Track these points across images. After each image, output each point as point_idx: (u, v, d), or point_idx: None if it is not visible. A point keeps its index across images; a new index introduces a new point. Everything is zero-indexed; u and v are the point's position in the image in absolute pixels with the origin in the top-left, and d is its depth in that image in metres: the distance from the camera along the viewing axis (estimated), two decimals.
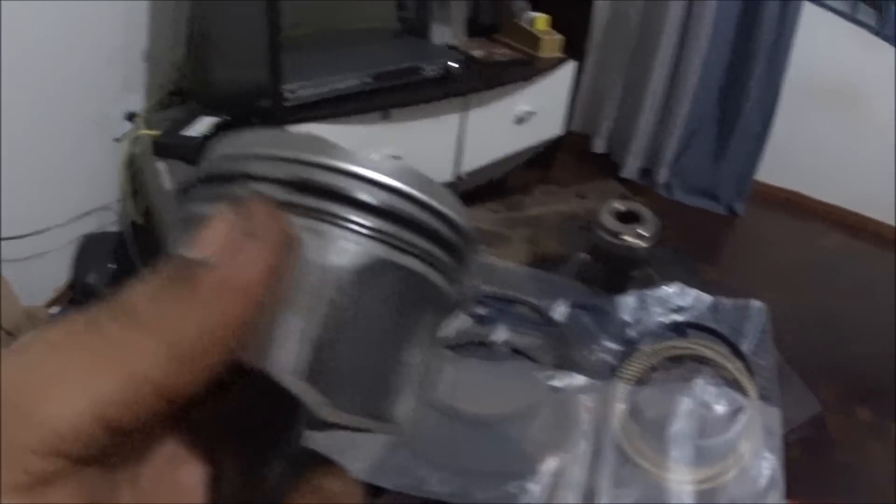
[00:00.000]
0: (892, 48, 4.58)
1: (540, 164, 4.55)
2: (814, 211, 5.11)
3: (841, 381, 3.72)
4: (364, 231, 0.36)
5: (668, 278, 1.68)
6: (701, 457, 1.31)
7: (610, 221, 1.51)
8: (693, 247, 4.45)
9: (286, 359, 0.35)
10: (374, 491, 1.26)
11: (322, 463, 0.42)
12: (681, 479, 1.28)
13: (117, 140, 3.35)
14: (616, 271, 1.56)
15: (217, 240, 0.33)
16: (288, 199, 0.36)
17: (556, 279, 1.59)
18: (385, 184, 0.37)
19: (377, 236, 0.36)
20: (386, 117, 3.35)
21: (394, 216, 0.37)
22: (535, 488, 1.26)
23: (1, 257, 2.50)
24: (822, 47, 4.66)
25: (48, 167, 2.99)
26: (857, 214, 5.06)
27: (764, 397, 1.41)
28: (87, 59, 3.10)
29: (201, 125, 3.06)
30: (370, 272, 0.36)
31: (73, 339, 0.30)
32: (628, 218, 1.54)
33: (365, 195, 0.36)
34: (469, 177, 3.93)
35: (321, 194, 0.36)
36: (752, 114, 4.76)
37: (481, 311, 1.52)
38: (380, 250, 0.36)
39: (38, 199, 2.93)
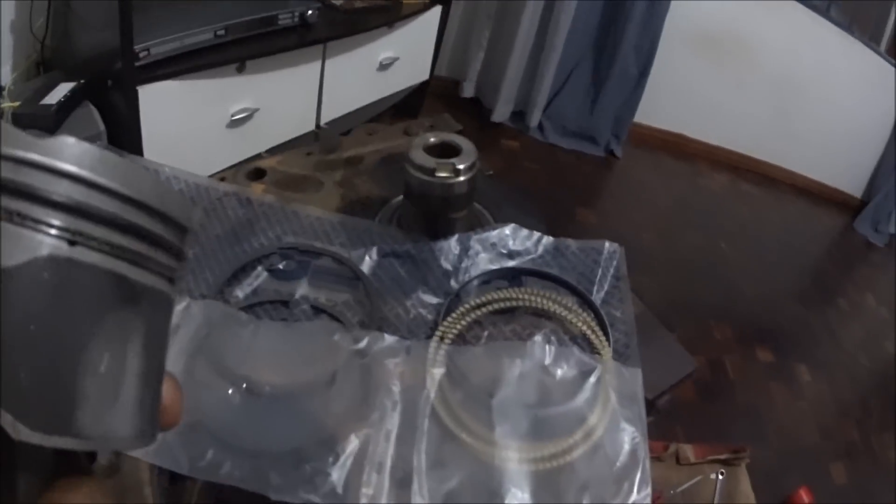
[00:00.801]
0: None
1: (406, 110, 4.40)
2: (697, 152, 5.12)
3: (736, 323, 3.66)
4: (33, 227, 0.32)
5: (500, 219, 1.44)
6: (540, 430, 1.06)
7: (421, 157, 1.26)
8: (569, 190, 4.36)
9: None
10: (170, 477, 1.06)
11: (73, 476, 0.39)
12: (514, 457, 1.03)
13: None
14: (434, 213, 1.31)
15: None
16: None
17: (368, 226, 1.35)
18: (56, 169, 0.33)
19: (49, 232, 0.33)
20: (241, 69, 3.15)
21: (69, 208, 0.33)
22: (335, 470, 1.02)
23: None
24: None
25: None
26: (740, 155, 5.09)
27: (620, 355, 1.18)
28: None
29: (58, 92, 2.88)
30: (36, 271, 0.32)
31: None
32: (445, 151, 1.28)
33: (33, 185, 0.33)
34: (330, 125, 3.74)
35: None
36: (629, 57, 4.68)
37: (281, 265, 1.28)
38: (47, 248, 0.33)
39: None
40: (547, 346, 1.13)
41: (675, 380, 1.25)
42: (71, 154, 0.33)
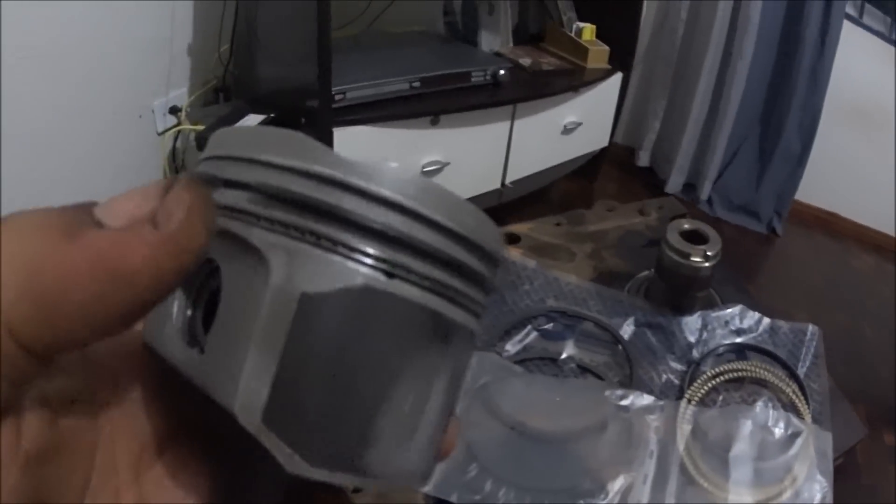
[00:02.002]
0: None
1: (584, 175, 4.59)
2: (848, 232, 5.13)
3: (868, 405, 3.71)
4: (347, 254, 0.32)
5: (724, 296, 1.71)
6: (759, 478, 1.31)
7: (678, 241, 1.52)
8: (732, 264, 4.45)
9: (241, 393, 0.32)
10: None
11: (322, 491, 0.40)
12: (740, 501, 1.30)
13: (160, 133, 3.37)
14: (681, 291, 1.57)
15: (120, 209, 0.32)
16: (255, 211, 0.33)
17: (621, 296, 1.61)
18: (378, 196, 0.32)
19: (364, 261, 0.32)
20: (435, 122, 3.36)
21: (384, 234, 0.32)
22: None
23: None
24: (859, 69, 4.66)
25: (92, 157, 3.01)
26: (887, 236, 5.06)
27: (817, 421, 1.42)
28: (132, 51, 3.14)
29: (248, 123, 3.03)
30: (345, 300, 0.32)
31: None
32: (694, 237, 1.56)
33: (350, 208, 0.32)
34: (514, 185, 3.93)
35: (292, 205, 0.33)
36: (792, 133, 4.77)
37: (549, 326, 1.54)
38: (362, 278, 0.32)
39: (81, 190, 2.91)
40: (769, 411, 1.40)
41: (851, 444, 1.49)
42: (393, 180, 0.32)
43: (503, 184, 3.92)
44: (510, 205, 3.95)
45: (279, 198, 0.33)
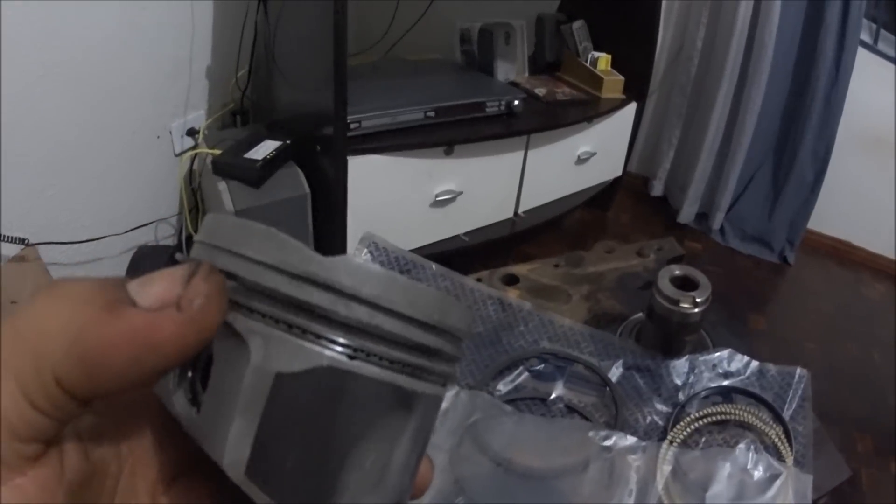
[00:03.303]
0: None
1: (598, 204, 4.65)
2: (860, 260, 5.15)
3: (875, 434, 3.74)
4: (314, 341, 0.37)
5: (716, 339, 1.75)
6: None
7: (668, 288, 1.57)
8: (744, 294, 4.54)
9: (228, 451, 0.37)
10: None
11: None
12: None
13: (178, 155, 3.43)
14: (671, 335, 1.62)
15: (152, 293, 0.36)
16: (237, 300, 0.38)
17: (612, 339, 1.66)
18: (342, 291, 0.37)
19: (330, 347, 0.37)
20: (448, 152, 3.41)
21: (350, 327, 0.37)
22: None
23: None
24: (873, 96, 4.67)
25: (108, 176, 3.07)
26: None
27: (799, 463, 1.47)
28: (150, 72, 3.19)
29: (263, 148, 3.11)
30: (313, 378, 0.36)
31: (6, 328, 0.34)
32: (685, 283, 1.61)
33: (317, 305, 0.37)
34: (527, 215, 3.97)
35: (270, 297, 0.37)
36: (806, 162, 4.80)
37: (540, 367, 1.60)
38: (328, 360, 0.36)
39: (96, 207, 3.02)
40: (749, 454, 1.44)
41: (832, 485, 1.52)
42: (358, 276, 0.36)
43: (516, 213, 3.96)
44: (523, 234, 3.99)
45: (257, 290, 0.38)
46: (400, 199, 3.42)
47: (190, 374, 0.43)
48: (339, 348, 0.37)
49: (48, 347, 0.34)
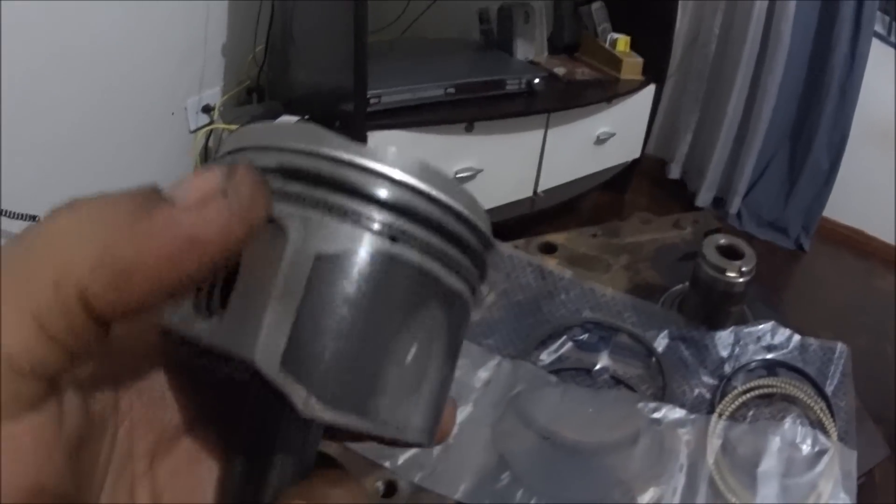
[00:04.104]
0: None
1: (615, 186, 4.60)
2: (873, 250, 5.10)
3: (888, 426, 3.63)
4: (355, 221, 0.35)
5: (754, 314, 1.71)
6: (785, 495, 1.32)
7: (714, 256, 1.53)
8: (759, 280, 4.44)
9: (260, 343, 0.34)
10: None
11: (333, 469, 0.41)
12: None
13: (193, 132, 3.39)
14: (716, 306, 1.58)
15: (191, 187, 0.33)
16: (277, 188, 0.36)
17: (655, 309, 1.62)
18: (383, 172, 0.36)
19: (371, 227, 0.35)
20: (469, 129, 3.38)
21: (391, 208, 0.36)
22: None
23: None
24: (888, 87, 4.63)
25: (125, 153, 3.04)
26: None
27: (842, 439, 1.43)
28: (165, 49, 3.16)
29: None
30: (353, 259, 0.35)
31: (14, 248, 0.30)
32: (729, 253, 1.57)
33: (357, 180, 0.35)
34: (545, 194, 3.95)
35: (306, 180, 0.36)
36: (821, 151, 4.78)
37: (584, 337, 1.55)
38: (368, 240, 0.35)
39: (110, 184, 2.88)
40: (797, 428, 1.40)
41: (873, 464, 1.50)
42: (396, 160, 0.36)
43: (535, 192, 3.94)
44: (542, 214, 3.96)
45: (295, 175, 0.36)
46: None
47: (209, 289, 0.39)
48: (380, 227, 0.36)
49: (72, 256, 0.30)
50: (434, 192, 0.37)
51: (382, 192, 0.35)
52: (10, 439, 0.28)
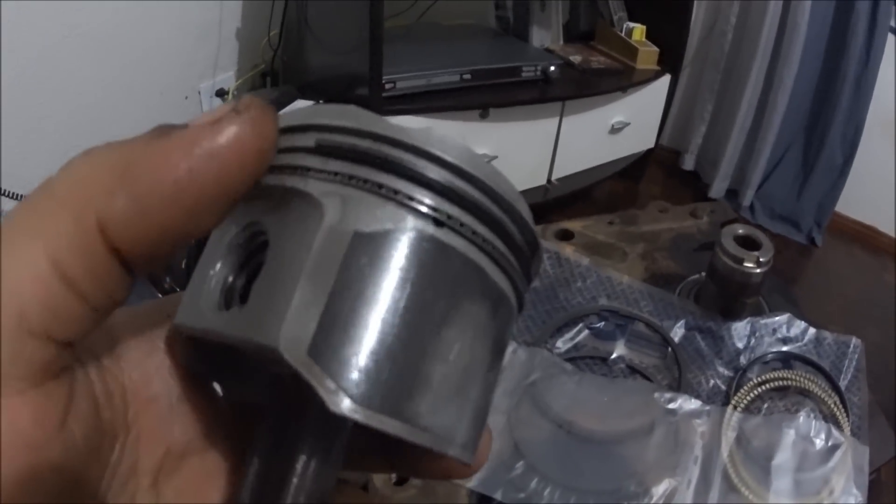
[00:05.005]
0: None
1: (629, 176, 4.59)
2: (885, 246, 5.07)
3: (894, 422, 3.65)
4: (400, 201, 0.32)
5: (770, 306, 1.71)
6: (798, 489, 1.32)
7: (732, 246, 1.52)
8: (771, 273, 4.43)
9: (286, 327, 0.30)
10: (484, 501, 1.27)
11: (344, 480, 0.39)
12: None
13: None
14: (733, 296, 1.57)
15: (203, 115, 0.31)
16: (312, 165, 0.33)
17: (672, 299, 1.61)
18: (431, 153, 0.32)
19: (416, 208, 0.32)
20: (484, 116, 3.37)
21: (434, 184, 0.33)
22: None
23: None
24: None
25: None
26: None
27: (855, 434, 1.43)
28: (179, 33, 3.16)
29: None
30: (395, 241, 0.32)
31: (29, 196, 0.29)
32: (747, 243, 1.56)
33: (402, 159, 0.32)
34: (559, 182, 3.95)
35: (347, 157, 0.33)
36: (835, 144, 4.76)
37: (600, 325, 1.54)
38: (413, 222, 0.32)
39: None
40: (812, 421, 1.39)
41: (885, 460, 1.49)
42: (447, 143, 0.33)
43: (549, 180, 3.94)
44: (555, 202, 3.96)
45: (336, 153, 0.33)
46: None
47: (230, 279, 0.37)
48: (427, 209, 0.32)
49: (91, 191, 0.29)
50: (485, 180, 0.34)
51: (431, 173, 0.32)
52: (8, 409, 0.26)
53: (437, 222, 0.32)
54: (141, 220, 0.28)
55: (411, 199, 0.32)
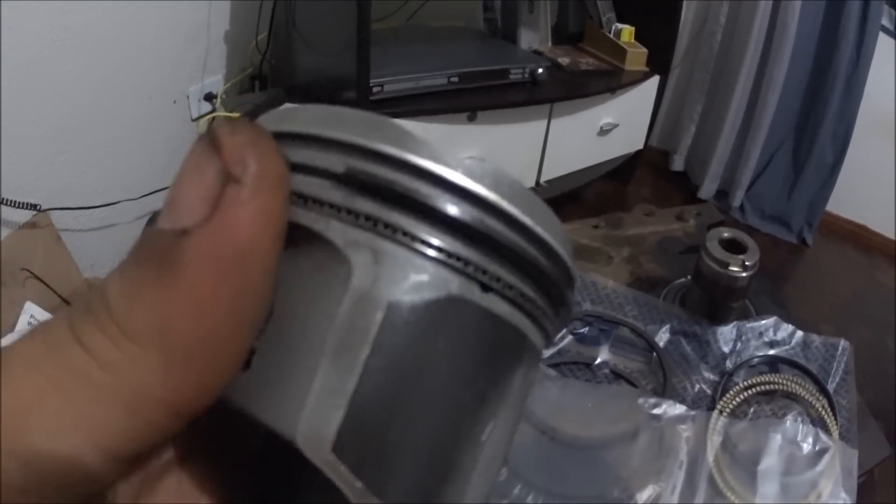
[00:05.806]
0: None
1: (618, 177, 4.59)
2: (876, 245, 5.10)
3: (889, 422, 3.61)
4: (444, 261, 0.27)
5: (757, 309, 1.71)
6: (785, 493, 1.32)
7: (718, 250, 1.52)
8: (762, 274, 4.42)
9: (306, 418, 0.26)
10: None
11: None
12: None
13: (195, 120, 3.37)
14: (718, 300, 1.57)
15: (192, 196, 0.27)
16: (335, 201, 0.27)
17: (657, 303, 1.60)
18: (477, 194, 0.27)
19: (455, 265, 0.27)
20: (472, 118, 3.36)
21: (484, 239, 0.27)
22: None
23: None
24: (892, 82, 4.61)
25: (123, 141, 3.01)
26: None
27: (844, 438, 1.44)
28: (167, 36, 3.13)
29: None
30: (437, 313, 0.27)
31: (56, 358, 0.25)
32: (732, 246, 1.56)
33: (449, 206, 0.27)
34: (548, 185, 3.94)
35: (382, 196, 0.27)
36: (825, 144, 4.76)
37: (584, 330, 1.53)
38: (456, 285, 0.27)
39: (110, 173, 2.96)
40: (799, 426, 1.39)
41: (874, 462, 1.51)
42: (495, 181, 0.28)
43: (538, 183, 3.92)
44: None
45: (368, 187, 0.27)
46: None
47: None
48: (474, 272, 0.27)
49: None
50: (535, 227, 0.29)
51: (487, 225, 0.27)
52: None
53: (485, 287, 0.28)
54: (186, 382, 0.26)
55: (458, 258, 0.27)
